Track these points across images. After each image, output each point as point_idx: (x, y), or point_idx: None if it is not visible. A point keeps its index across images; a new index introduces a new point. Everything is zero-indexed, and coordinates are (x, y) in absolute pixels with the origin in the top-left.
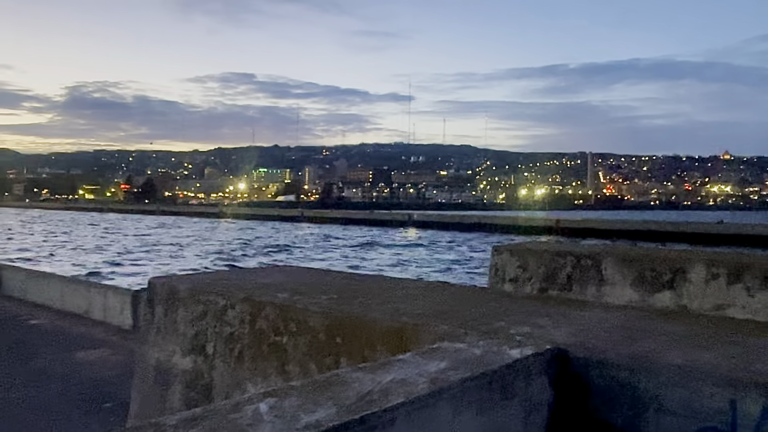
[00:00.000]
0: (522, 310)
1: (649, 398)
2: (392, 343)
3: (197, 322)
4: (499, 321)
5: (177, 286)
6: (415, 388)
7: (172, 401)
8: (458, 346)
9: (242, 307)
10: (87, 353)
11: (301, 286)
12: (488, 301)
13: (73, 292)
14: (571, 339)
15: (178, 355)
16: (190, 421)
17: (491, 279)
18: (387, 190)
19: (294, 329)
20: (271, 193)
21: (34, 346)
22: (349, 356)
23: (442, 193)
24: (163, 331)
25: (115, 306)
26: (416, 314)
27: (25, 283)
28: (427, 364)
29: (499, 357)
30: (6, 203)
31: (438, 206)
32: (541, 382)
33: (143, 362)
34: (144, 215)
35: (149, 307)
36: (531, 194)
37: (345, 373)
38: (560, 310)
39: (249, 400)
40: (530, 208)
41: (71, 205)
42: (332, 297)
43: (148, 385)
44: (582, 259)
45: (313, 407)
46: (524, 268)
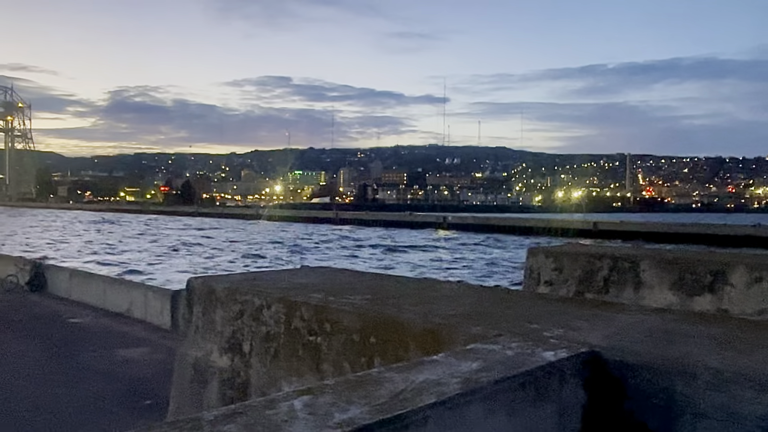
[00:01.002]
0: (556, 312)
1: (685, 402)
2: (425, 343)
3: (234, 321)
4: (533, 323)
5: (214, 286)
6: (447, 389)
7: (209, 398)
8: (491, 347)
9: (278, 307)
10: (128, 351)
11: (335, 287)
12: (522, 303)
13: (115, 291)
14: (607, 341)
15: (216, 353)
16: (227, 416)
17: (526, 281)
18: (421, 192)
19: (328, 329)
20: (306, 195)
21: (78, 344)
22: (383, 356)
23: (477, 195)
24: (201, 330)
25: (155, 305)
26: (449, 315)
27: (69, 282)
28: (459, 364)
29: (532, 359)
30: (51, 205)
31: (473, 208)
32: (574, 385)
33: (182, 360)
34: (182, 216)
35: (188, 306)
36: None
37: (378, 373)
38: (596, 313)
39: (284, 397)
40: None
41: (113, 206)
42: (366, 298)
43: (186, 383)
44: (619, 261)
45: (346, 405)
46: (560, 271)
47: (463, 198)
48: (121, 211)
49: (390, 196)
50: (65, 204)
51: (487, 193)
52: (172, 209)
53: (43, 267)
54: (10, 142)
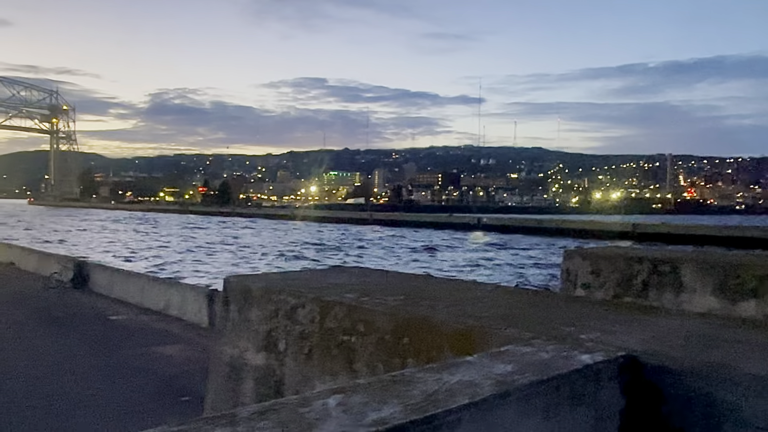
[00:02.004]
0: (593, 316)
1: (727, 409)
2: (459, 345)
3: (269, 320)
4: (568, 326)
5: (250, 285)
6: (480, 390)
7: (244, 396)
8: (526, 349)
9: (312, 306)
10: (166, 348)
11: (369, 287)
12: (558, 305)
13: (153, 289)
14: (645, 346)
15: (251, 351)
16: (262, 413)
17: (562, 283)
18: (456, 193)
19: (362, 329)
20: (340, 195)
21: (118, 341)
22: (416, 357)
23: (512, 196)
24: (237, 328)
25: (192, 304)
26: (483, 317)
27: (109, 280)
28: (493, 366)
29: (568, 362)
30: (93, 204)
31: (508, 209)
32: (611, 389)
33: (218, 358)
34: (220, 216)
35: (224, 305)
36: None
37: (411, 373)
38: (634, 317)
39: (318, 395)
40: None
41: (152, 206)
42: (399, 298)
43: (222, 380)
44: (659, 264)
45: (379, 405)
46: (597, 273)
47: (499, 199)
48: (160, 211)
49: (424, 197)
50: (107, 204)
51: (522, 195)
52: (209, 209)
53: (86, 265)
54: (55, 144)
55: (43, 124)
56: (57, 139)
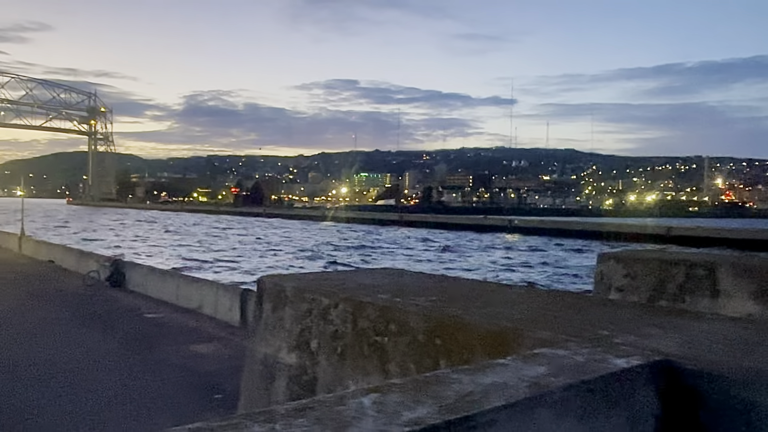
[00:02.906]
0: (628, 319)
1: (767, 415)
2: (491, 347)
3: (302, 319)
4: (603, 329)
5: (284, 284)
6: (515, 392)
7: (277, 394)
8: (560, 352)
9: (345, 306)
10: (199, 347)
11: (401, 288)
12: (592, 308)
13: (188, 289)
14: (681, 350)
15: (284, 350)
16: (298, 410)
17: (596, 287)
18: (487, 194)
19: (394, 330)
20: (371, 197)
21: (153, 338)
22: (448, 358)
23: (544, 198)
24: (270, 328)
25: (225, 303)
26: (516, 319)
27: (145, 279)
28: (527, 368)
29: (602, 365)
30: (129, 204)
31: (540, 212)
32: (647, 393)
33: (252, 356)
34: (252, 217)
35: (258, 304)
36: (640, 200)
37: (445, 374)
38: (670, 321)
39: (353, 394)
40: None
41: (186, 207)
42: (432, 299)
43: (256, 378)
44: (695, 268)
45: (413, 404)
46: (632, 277)
47: (530, 201)
48: (194, 212)
49: (455, 199)
50: (142, 204)
51: (555, 197)
52: (242, 210)
53: (122, 264)
54: (93, 145)
55: (82, 125)
56: (95, 141)
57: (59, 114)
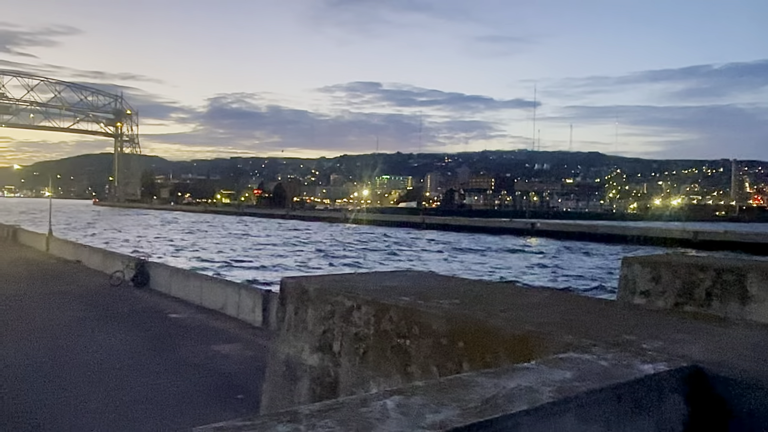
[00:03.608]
0: (654, 324)
1: None
2: (515, 350)
3: (325, 321)
4: (629, 334)
5: (307, 286)
6: (539, 396)
7: (300, 395)
8: (585, 357)
9: (367, 308)
10: (222, 347)
11: (424, 291)
12: (617, 313)
13: (211, 289)
14: (710, 356)
15: (307, 351)
16: (323, 411)
17: (620, 291)
18: (509, 197)
19: (417, 332)
20: (393, 199)
21: (177, 338)
22: (471, 361)
23: (567, 201)
24: (293, 329)
25: (248, 304)
26: (540, 323)
27: (169, 279)
28: (552, 373)
29: (629, 371)
30: (154, 206)
31: (563, 215)
32: (675, 400)
33: (275, 357)
34: (274, 219)
35: (281, 305)
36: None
37: (469, 377)
38: (697, 326)
39: (376, 396)
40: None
41: (209, 208)
42: (455, 302)
43: (278, 379)
44: (723, 273)
45: (437, 407)
46: (657, 281)
47: (553, 204)
48: (217, 213)
49: (477, 202)
50: (166, 205)
51: (578, 200)
52: (264, 211)
53: (146, 264)
54: (119, 147)
55: (108, 127)
56: (121, 142)
57: (86, 116)
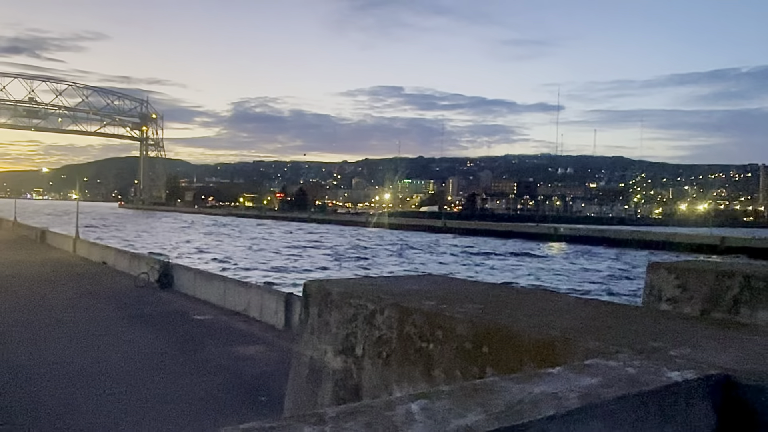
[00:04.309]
0: (681, 331)
1: None
2: (540, 356)
3: (348, 324)
4: (655, 341)
5: (330, 289)
6: (566, 402)
7: (323, 397)
8: (611, 363)
9: (390, 312)
10: (245, 348)
11: (447, 295)
12: (642, 319)
13: (234, 291)
14: (740, 364)
15: (330, 354)
16: (348, 414)
17: (645, 297)
18: (532, 202)
19: (440, 336)
20: (414, 203)
21: (201, 339)
22: (495, 366)
23: (591, 206)
24: (316, 331)
25: (270, 306)
26: (565, 328)
27: (193, 281)
28: (578, 379)
29: (656, 378)
30: (178, 209)
31: (587, 220)
32: (703, 408)
33: (298, 359)
34: (296, 222)
35: (304, 307)
36: (691, 209)
37: (494, 382)
38: (726, 333)
39: (401, 400)
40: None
41: (233, 211)
42: (479, 306)
43: (302, 381)
44: (753, 280)
45: (462, 412)
46: (684, 288)
47: (576, 209)
48: (240, 216)
49: (499, 206)
50: (190, 208)
51: (602, 205)
52: (287, 215)
53: (171, 266)
54: (144, 150)
55: (134, 131)
56: (146, 146)
57: (113, 120)
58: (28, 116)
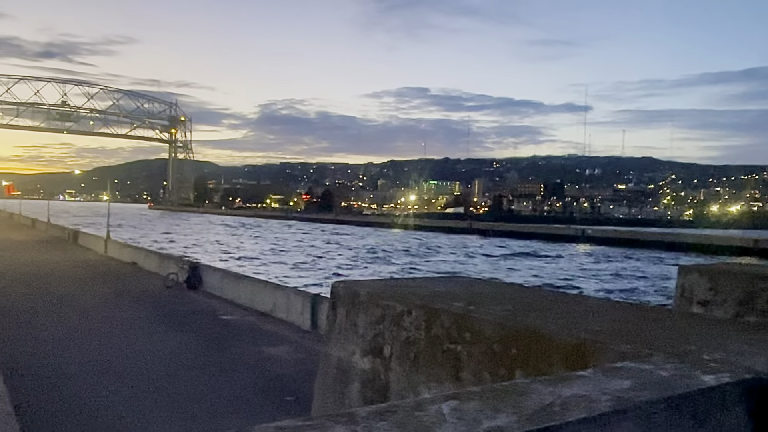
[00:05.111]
0: (714, 334)
1: None
2: (570, 358)
3: (375, 325)
4: (688, 344)
5: (358, 290)
6: (597, 405)
7: (351, 398)
8: (644, 366)
9: (418, 313)
10: (272, 349)
11: (475, 296)
12: (674, 322)
13: (261, 292)
14: None
15: (358, 355)
16: (379, 414)
17: (677, 300)
18: (559, 203)
19: (468, 338)
20: (440, 204)
21: (229, 339)
22: (524, 368)
23: (619, 207)
24: (344, 332)
25: (297, 307)
26: (595, 331)
27: (221, 282)
28: (609, 382)
29: (689, 381)
30: (206, 210)
31: (615, 221)
32: (738, 413)
33: (326, 360)
34: (322, 223)
35: (332, 308)
36: (723, 211)
37: (524, 384)
38: (760, 337)
39: (432, 400)
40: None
41: (259, 213)
42: (507, 308)
43: (329, 382)
44: None
45: (493, 413)
46: (716, 291)
47: (604, 211)
48: (267, 217)
49: (526, 208)
50: (218, 209)
51: (630, 206)
52: (312, 216)
53: (199, 267)
54: (173, 153)
55: (163, 134)
56: (175, 148)
57: (143, 123)
58: (61, 119)
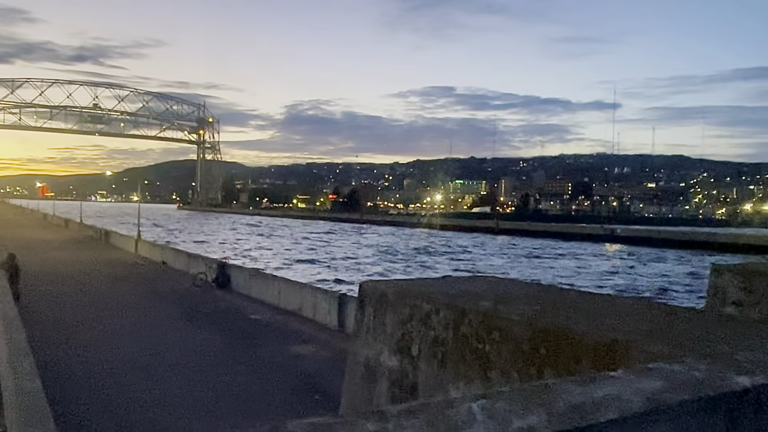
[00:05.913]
0: (749, 335)
1: None
2: (600, 358)
3: (403, 324)
4: (721, 345)
5: (385, 290)
6: (629, 405)
7: (379, 396)
8: (676, 367)
9: (446, 313)
10: (299, 348)
11: (503, 296)
12: (707, 323)
13: (289, 292)
14: None
15: (386, 354)
16: (410, 412)
17: (709, 300)
18: (587, 202)
19: (497, 337)
20: (466, 204)
21: (257, 338)
22: (553, 368)
23: (649, 206)
24: (372, 331)
25: (323, 306)
26: (625, 331)
27: (249, 281)
28: (641, 382)
29: (724, 382)
30: (234, 210)
31: (645, 221)
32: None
33: (354, 358)
34: (348, 223)
35: (360, 308)
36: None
37: (555, 383)
38: None
39: (462, 399)
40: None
41: (286, 213)
42: (535, 308)
43: (357, 380)
44: None
45: (524, 412)
46: (750, 291)
47: (634, 210)
48: (293, 217)
49: (553, 207)
50: (246, 210)
51: (661, 205)
52: (338, 216)
53: (228, 267)
54: (201, 154)
55: (192, 135)
56: (203, 149)
57: (172, 125)
58: (93, 122)
